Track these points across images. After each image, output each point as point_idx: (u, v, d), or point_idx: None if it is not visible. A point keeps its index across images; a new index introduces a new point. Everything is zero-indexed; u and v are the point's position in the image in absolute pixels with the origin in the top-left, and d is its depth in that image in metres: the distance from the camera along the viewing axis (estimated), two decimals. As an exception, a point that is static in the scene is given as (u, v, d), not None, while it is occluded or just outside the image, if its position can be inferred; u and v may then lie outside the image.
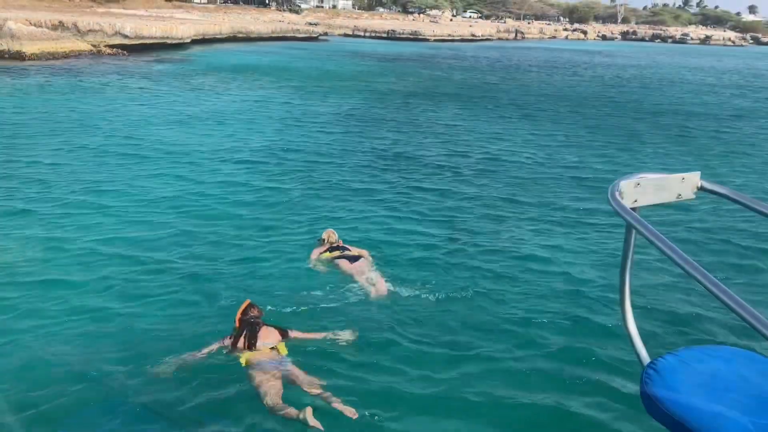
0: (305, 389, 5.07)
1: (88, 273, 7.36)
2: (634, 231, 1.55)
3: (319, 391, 5.06)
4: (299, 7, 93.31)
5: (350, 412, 4.82)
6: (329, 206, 10.34)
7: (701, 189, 1.63)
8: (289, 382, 5.19)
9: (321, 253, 7.90)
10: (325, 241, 8.04)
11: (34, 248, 7.99)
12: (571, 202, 11.25)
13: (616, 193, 1.54)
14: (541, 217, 10.28)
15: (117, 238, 8.48)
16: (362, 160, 13.96)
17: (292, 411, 4.78)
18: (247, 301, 5.86)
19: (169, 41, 42.11)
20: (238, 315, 5.69)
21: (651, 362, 1.46)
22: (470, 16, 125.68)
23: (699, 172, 1.62)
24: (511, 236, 9.27)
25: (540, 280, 7.71)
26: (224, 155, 13.69)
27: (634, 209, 1.54)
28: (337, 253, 7.79)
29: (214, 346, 5.56)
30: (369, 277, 7.29)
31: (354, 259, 7.63)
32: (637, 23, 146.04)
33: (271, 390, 5.02)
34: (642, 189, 1.59)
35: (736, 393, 1.36)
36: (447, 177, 12.75)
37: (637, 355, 1.59)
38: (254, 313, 5.70)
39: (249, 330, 5.57)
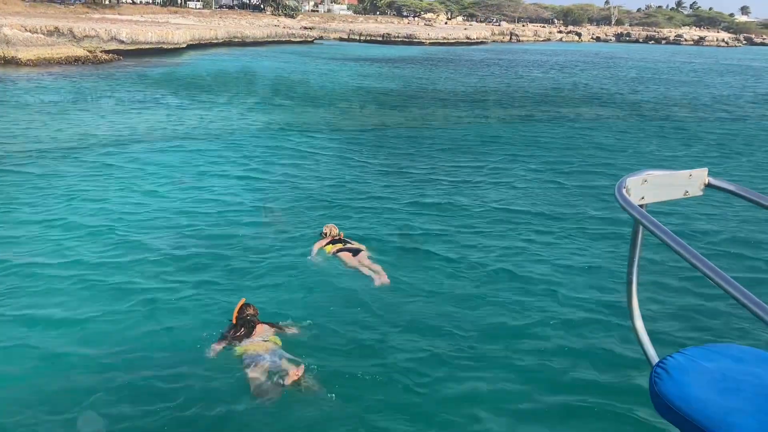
0: (299, 381, 5.09)
1: (84, 277, 7.30)
2: (641, 227, 1.53)
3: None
4: (295, 11, 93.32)
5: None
6: (330, 204, 10.45)
7: (709, 185, 1.62)
8: (281, 374, 5.21)
9: (322, 246, 7.97)
10: (327, 235, 8.13)
11: (30, 251, 7.95)
12: (574, 204, 11.24)
13: (623, 190, 1.52)
14: (543, 217, 10.26)
15: (114, 238, 8.44)
16: (360, 162, 13.95)
17: (277, 385, 5.01)
18: (243, 300, 6.01)
19: (165, 46, 42.14)
20: (235, 314, 5.86)
21: (660, 361, 1.44)
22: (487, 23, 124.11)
23: (706, 169, 1.60)
24: (515, 237, 9.25)
25: (545, 278, 7.69)
26: (223, 154, 13.66)
27: (641, 206, 1.52)
28: (339, 245, 7.87)
29: (219, 347, 5.65)
30: (372, 269, 7.36)
31: (356, 251, 7.72)
32: (630, 25, 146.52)
33: (262, 381, 5.12)
34: (649, 186, 1.57)
35: (747, 392, 1.34)
36: (449, 179, 12.73)
37: (646, 354, 1.56)
38: (250, 311, 5.88)
39: (246, 328, 5.73)
